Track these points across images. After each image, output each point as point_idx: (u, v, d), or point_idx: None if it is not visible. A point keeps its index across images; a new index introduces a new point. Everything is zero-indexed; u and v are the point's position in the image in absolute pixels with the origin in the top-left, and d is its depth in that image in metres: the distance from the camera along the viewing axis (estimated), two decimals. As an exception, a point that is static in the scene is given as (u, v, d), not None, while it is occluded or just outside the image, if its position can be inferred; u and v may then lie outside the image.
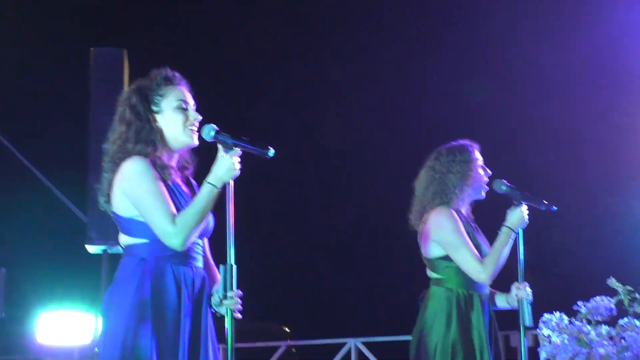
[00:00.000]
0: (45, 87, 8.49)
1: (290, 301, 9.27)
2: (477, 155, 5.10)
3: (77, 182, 7.46)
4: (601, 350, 3.43)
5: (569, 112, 8.48)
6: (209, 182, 3.62)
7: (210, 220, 3.76)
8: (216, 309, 3.73)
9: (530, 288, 4.86)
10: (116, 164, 3.71)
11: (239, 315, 3.63)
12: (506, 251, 4.89)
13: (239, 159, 3.64)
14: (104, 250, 7.23)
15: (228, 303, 3.59)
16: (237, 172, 3.63)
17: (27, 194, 7.97)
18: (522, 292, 4.81)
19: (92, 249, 7.21)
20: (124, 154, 3.70)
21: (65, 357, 7.99)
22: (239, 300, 3.61)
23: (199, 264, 3.75)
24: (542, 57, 8.52)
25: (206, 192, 3.61)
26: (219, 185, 3.62)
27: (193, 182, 3.89)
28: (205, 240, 3.85)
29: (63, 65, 8.38)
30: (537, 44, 8.53)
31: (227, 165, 3.60)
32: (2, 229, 7.97)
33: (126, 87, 7.41)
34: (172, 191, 3.69)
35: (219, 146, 3.65)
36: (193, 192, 3.82)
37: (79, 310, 7.75)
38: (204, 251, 3.81)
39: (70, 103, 8.18)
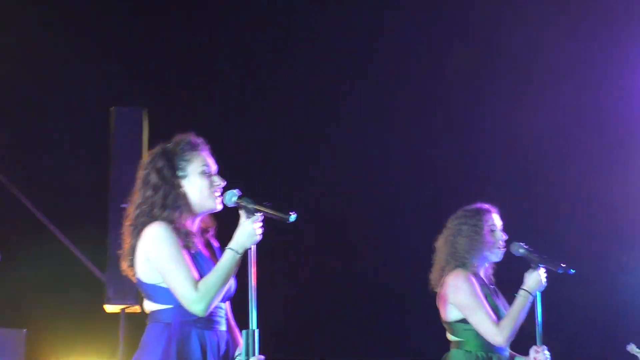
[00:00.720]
0: (64, 145, 8.52)
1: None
2: (492, 219, 5.10)
3: (96, 241, 7.47)
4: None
5: (577, 167, 8.44)
6: (230, 249, 3.65)
7: (232, 283, 3.77)
8: None
9: (549, 351, 4.87)
10: (138, 229, 3.72)
11: (260, 379, 3.65)
12: (523, 314, 4.91)
13: (261, 224, 3.68)
14: (122, 309, 7.25)
15: (251, 368, 3.61)
16: (259, 238, 3.66)
17: (46, 252, 7.97)
18: (540, 356, 4.82)
19: (110, 308, 7.22)
20: (148, 219, 3.71)
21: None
22: (261, 365, 3.63)
23: (223, 327, 3.77)
24: (556, 113, 8.51)
25: (228, 258, 3.64)
26: (241, 251, 3.65)
27: (214, 244, 3.91)
28: (228, 302, 3.87)
29: (83, 123, 8.42)
30: (555, 94, 8.50)
31: (249, 231, 3.64)
32: (20, 288, 7.97)
33: (146, 146, 7.48)
34: (195, 258, 3.71)
35: (241, 212, 3.69)
36: (214, 255, 3.84)
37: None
38: (226, 314, 3.83)
39: (90, 161, 8.22)
